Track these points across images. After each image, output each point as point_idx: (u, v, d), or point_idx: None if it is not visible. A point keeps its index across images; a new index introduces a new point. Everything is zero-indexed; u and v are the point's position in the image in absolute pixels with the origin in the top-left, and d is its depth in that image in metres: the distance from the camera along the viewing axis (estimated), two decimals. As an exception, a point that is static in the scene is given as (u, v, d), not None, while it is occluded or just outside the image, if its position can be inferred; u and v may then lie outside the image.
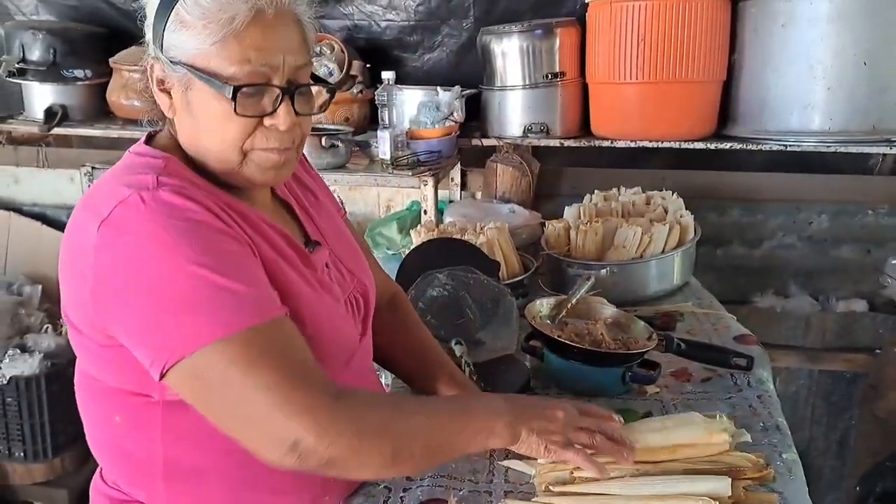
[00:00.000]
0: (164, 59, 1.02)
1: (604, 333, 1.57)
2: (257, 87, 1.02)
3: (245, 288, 0.95)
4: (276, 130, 1.04)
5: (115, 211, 0.95)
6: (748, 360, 1.59)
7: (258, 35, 0.99)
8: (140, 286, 0.93)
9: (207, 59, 1.00)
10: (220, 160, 1.06)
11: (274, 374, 0.93)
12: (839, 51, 2.19)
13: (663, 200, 2.27)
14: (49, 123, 2.84)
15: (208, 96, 1.01)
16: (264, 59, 1.01)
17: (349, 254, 1.30)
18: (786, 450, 1.33)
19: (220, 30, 0.98)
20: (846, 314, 2.77)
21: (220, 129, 1.03)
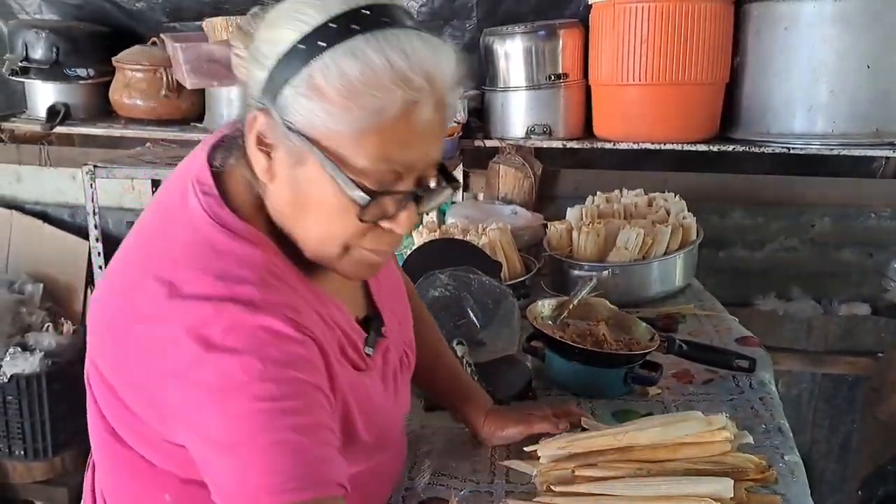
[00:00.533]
0: (279, 119, 0.84)
1: (605, 334, 1.57)
2: (391, 194, 0.86)
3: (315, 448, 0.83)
4: (390, 233, 0.90)
5: (210, 328, 0.81)
6: (750, 362, 1.58)
7: (403, 131, 0.83)
8: (220, 425, 0.81)
9: (337, 142, 0.83)
10: (315, 251, 0.91)
11: None
12: (842, 54, 2.19)
13: (665, 202, 2.26)
14: (51, 122, 2.84)
15: (325, 184, 0.84)
16: (403, 158, 0.85)
17: (396, 298, 1.18)
18: (788, 452, 1.32)
19: (363, 118, 0.81)
20: (848, 317, 2.77)
21: (328, 223, 0.88)
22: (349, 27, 0.81)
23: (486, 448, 1.34)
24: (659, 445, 1.21)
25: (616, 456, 1.21)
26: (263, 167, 0.87)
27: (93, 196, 2.47)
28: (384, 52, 0.80)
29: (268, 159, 0.87)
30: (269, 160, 0.87)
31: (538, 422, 1.32)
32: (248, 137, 0.88)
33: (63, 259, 3.19)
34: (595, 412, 1.47)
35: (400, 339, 1.14)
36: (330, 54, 0.81)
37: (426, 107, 0.82)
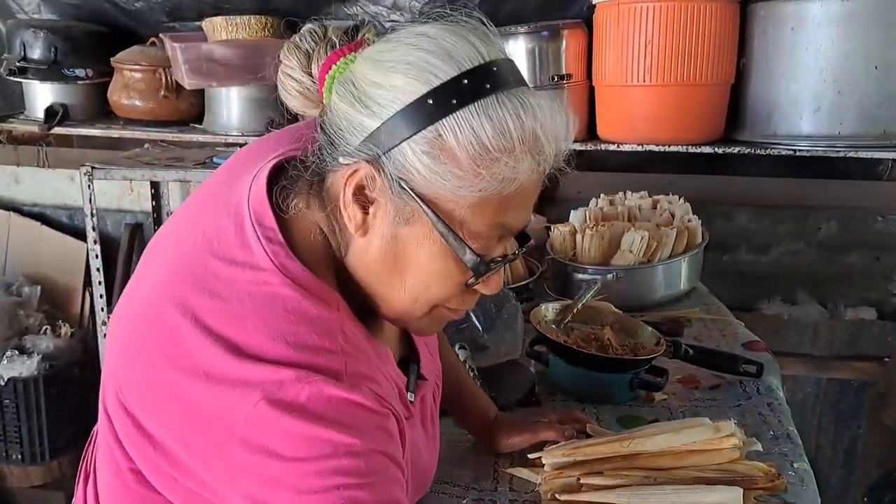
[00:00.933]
0: (392, 173, 0.78)
1: (610, 339, 1.54)
2: (499, 260, 0.83)
3: None
4: (476, 294, 0.88)
5: (293, 393, 0.74)
6: (758, 367, 1.56)
7: (517, 200, 0.80)
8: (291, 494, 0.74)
9: (454, 207, 0.78)
10: (403, 311, 0.87)
11: None
12: (849, 54, 2.15)
13: (670, 205, 2.24)
14: (49, 123, 2.81)
15: (432, 246, 0.80)
16: (516, 226, 0.83)
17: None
18: (797, 459, 1.30)
19: (489, 185, 0.76)
20: (854, 322, 2.74)
21: (427, 285, 0.83)
22: (483, 85, 0.76)
23: (490, 455, 1.32)
24: (666, 453, 1.19)
25: (622, 463, 1.20)
26: (358, 221, 0.81)
27: (90, 198, 2.44)
28: (520, 117, 0.76)
29: (364, 213, 0.81)
30: (364, 214, 0.81)
31: (544, 429, 1.29)
32: (342, 185, 0.81)
33: (61, 261, 3.17)
34: (600, 418, 1.45)
35: (433, 371, 1.08)
36: (463, 114, 0.76)
37: (542, 176, 0.81)
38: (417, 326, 0.91)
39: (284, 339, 0.76)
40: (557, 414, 1.36)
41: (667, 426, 1.24)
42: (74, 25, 2.91)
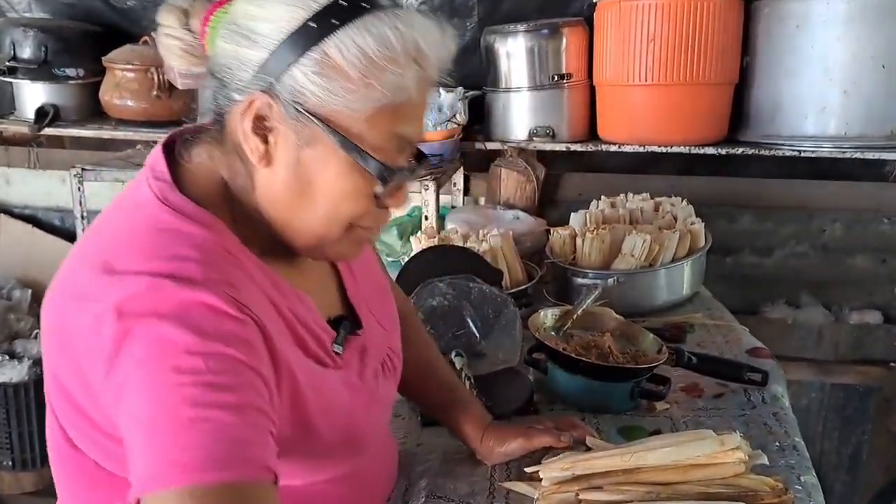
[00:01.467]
0: (286, 99, 0.81)
1: (611, 346, 1.49)
2: (401, 171, 0.87)
3: (239, 430, 0.76)
4: (385, 210, 0.91)
5: (139, 299, 0.76)
6: (763, 375, 1.52)
7: (410, 108, 0.85)
8: (143, 399, 0.75)
9: (351, 122, 0.82)
10: (317, 234, 0.89)
11: None
12: (856, 53, 2.10)
13: (672, 207, 2.19)
14: (40, 123, 2.76)
15: (336, 164, 0.84)
16: (411, 135, 0.87)
17: (380, 302, 1.14)
18: (804, 472, 1.26)
19: (383, 95, 0.81)
20: (860, 326, 2.70)
21: (337, 203, 0.86)
22: (360, 4, 0.81)
23: (486, 468, 1.27)
24: (669, 467, 1.14)
25: (623, 478, 1.15)
26: (260, 152, 0.84)
27: (81, 199, 2.40)
28: (399, 29, 0.81)
29: (265, 143, 0.84)
30: (265, 144, 0.84)
31: (539, 435, 1.25)
32: (240, 120, 0.83)
33: (53, 264, 3.02)
34: (600, 428, 1.40)
35: (383, 343, 1.09)
36: (345, 32, 0.80)
37: (431, 84, 0.85)
38: (338, 251, 0.94)
39: (150, 254, 0.79)
40: (555, 421, 1.31)
41: (669, 439, 1.19)
42: (65, 24, 2.86)
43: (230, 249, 0.85)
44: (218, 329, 0.77)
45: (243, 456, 0.75)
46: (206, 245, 0.82)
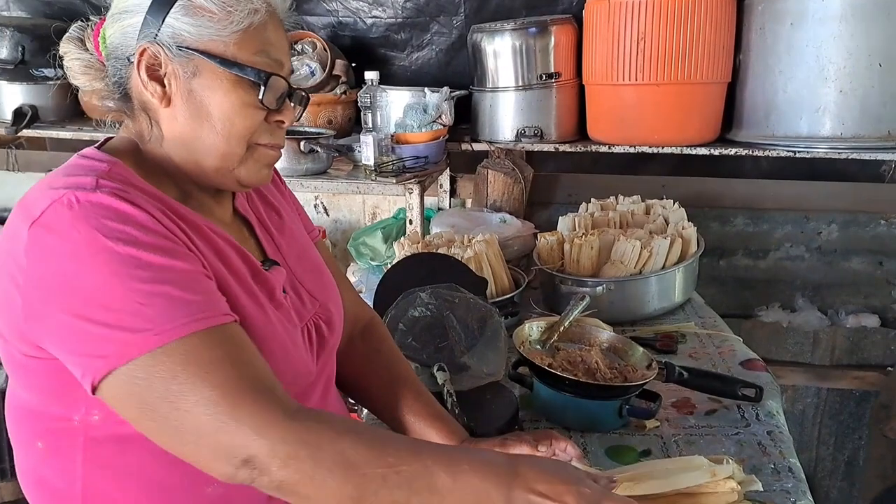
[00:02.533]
0: (168, 42, 0.97)
1: (599, 361, 1.43)
2: (278, 77, 1.01)
3: (184, 293, 0.88)
4: (277, 127, 1.05)
5: (48, 211, 0.87)
6: (757, 391, 1.46)
7: (270, 32, 1.01)
8: (72, 291, 0.86)
9: (224, 48, 0.98)
10: (224, 153, 1.02)
11: (220, 384, 0.86)
12: (852, 51, 2.04)
13: (664, 210, 2.14)
14: (18, 125, 2.69)
15: (221, 84, 0.99)
16: (277, 55, 1.02)
17: (313, 277, 1.20)
18: (800, 497, 1.21)
19: (242, 20, 0.98)
20: (856, 329, 2.64)
21: (230, 118, 1.00)
22: None
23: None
24: (658, 497, 1.08)
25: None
26: (160, 94, 0.99)
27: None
28: None
29: (161, 86, 0.99)
30: (163, 87, 0.99)
31: (515, 444, 1.19)
32: (137, 75, 0.99)
33: None
34: (587, 448, 1.35)
35: (311, 306, 1.16)
36: None
37: (277, 16, 1.03)
38: (246, 173, 1.04)
39: (56, 183, 0.91)
40: (534, 434, 1.24)
41: (659, 466, 1.13)
42: (43, 23, 2.78)
43: (131, 181, 0.96)
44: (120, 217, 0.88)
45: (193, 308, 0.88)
46: (103, 170, 0.94)
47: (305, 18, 2.70)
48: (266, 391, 0.88)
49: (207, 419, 0.85)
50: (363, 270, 2.54)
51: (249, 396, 0.86)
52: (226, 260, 1.02)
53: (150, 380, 0.85)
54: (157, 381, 0.85)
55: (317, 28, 2.69)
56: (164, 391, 0.85)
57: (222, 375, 0.86)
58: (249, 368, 0.89)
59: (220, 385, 0.86)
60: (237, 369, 0.88)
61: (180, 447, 0.88)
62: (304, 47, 2.54)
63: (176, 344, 0.85)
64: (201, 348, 0.87)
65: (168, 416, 0.86)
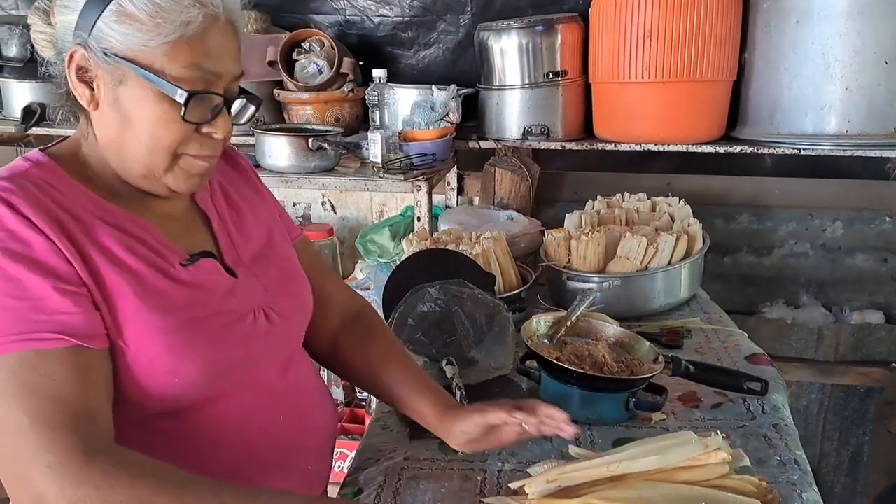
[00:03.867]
0: (96, 48, 0.96)
1: (605, 355, 1.45)
2: (206, 94, 0.99)
3: (22, 309, 0.90)
4: (210, 138, 1.04)
5: None
6: (762, 385, 1.47)
7: (208, 41, 0.98)
8: None
9: (152, 58, 0.96)
10: (146, 163, 1.02)
11: (28, 413, 0.87)
12: (858, 49, 2.06)
13: (670, 207, 2.15)
14: (27, 123, 2.72)
15: (147, 95, 0.97)
16: (212, 67, 0.99)
17: (273, 274, 1.21)
18: (805, 489, 1.21)
19: (172, 31, 0.95)
20: (860, 326, 2.65)
21: (154, 131, 0.99)
22: None
23: (473, 484, 1.24)
24: (654, 472, 1.11)
25: (609, 486, 1.11)
26: (87, 97, 0.99)
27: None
28: None
29: (89, 89, 0.99)
30: (91, 90, 0.99)
31: (494, 410, 1.20)
32: (68, 74, 0.99)
33: None
34: (594, 441, 1.37)
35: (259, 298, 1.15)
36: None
37: (221, 22, 0.98)
38: (174, 181, 1.04)
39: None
40: (515, 402, 1.23)
41: (653, 444, 1.15)
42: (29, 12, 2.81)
43: (51, 181, 0.99)
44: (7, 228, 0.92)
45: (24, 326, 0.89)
46: (19, 171, 0.99)
47: (313, 17, 2.72)
48: (74, 430, 0.88)
49: (14, 444, 0.87)
50: (371, 267, 2.56)
51: (56, 432, 0.87)
52: (136, 252, 1.02)
53: None
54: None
55: (324, 26, 2.71)
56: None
57: (32, 405, 0.88)
58: (64, 402, 0.89)
59: (32, 413, 0.87)
60: (50, 401, 0.89)
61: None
62: (312, 45, 2.56)
63: (5, 359, 0.88)
64: (20, 370, 0.88)
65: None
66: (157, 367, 1.00)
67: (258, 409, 1.13)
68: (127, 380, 0.99)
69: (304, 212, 3.04)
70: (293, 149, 2.26)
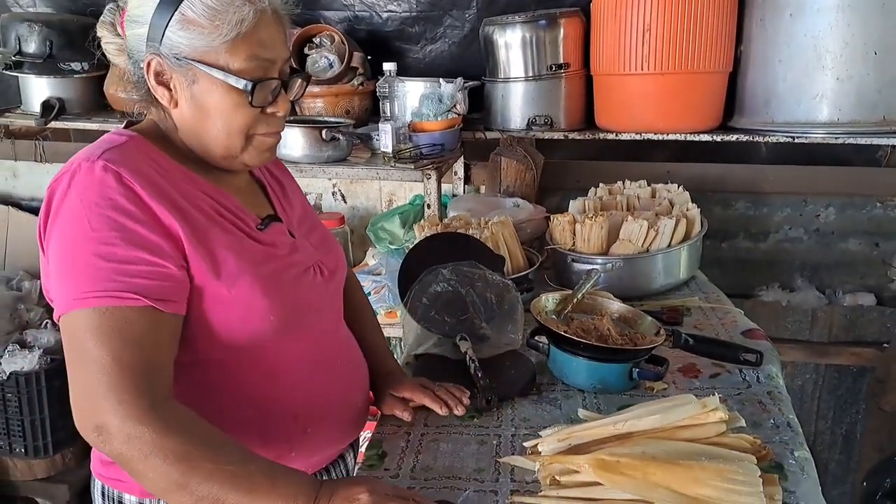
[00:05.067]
0: (167, 53, 1.10)
1: (610, 329, 1.54)
2: (266, 80, 1.14)
3: (116, 269, 1.02)
4: (274, 117, 1.19)
5: (62, 176, 1.07)
6: (757, 356, 1.56)
7: (261, 34, 1.12)
8: (55, 242, 1.05)
9: (217, 56, 1.10)
10: (226, 146, 1.17)
11: (111, 358, 1.00)
12: (849, 40, 2.15)
13: (669, 193, 2.24)
14: (46, 117, 2.80)
15: (217, 89, 1.12)
16: (267, 55, 1.13)
17: (315, 235, 1.39)
18: (797, 448, 1.30)
19: (229, 30, 1.09)
20: (853, 308, 2.75)
21: (228, 118, 1.14)
22: None
23: (490, 447, 1.33)
24: (657, 430, 1.21)
25: (616, 443, 1.21)
26: (167, 98, 1.15)
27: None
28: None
29: (168, 90, 1.14)
30: (169, 91, 1.14)
31: (420, 396, 1.44)
32: (148, 80, 1.13)
33: None
34: (600, 407, 1.45)
35: (312, 255, 1.31)
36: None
37: (268, 13, 1.12)
38: (249, 158, 1.20)
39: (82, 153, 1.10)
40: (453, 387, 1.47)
41: (656, 405, 1.25)
42: (69, 18, 2.89)
43: (145, 151, 1.13)
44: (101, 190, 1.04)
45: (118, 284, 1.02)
46: (118, 143, 1.11)
47: (323, 13, 2.80)
48: (143, 379, 1.01)
49: (91, 382, 1.00)
50: (382, 254, 2.65)
51: (128, 379, 1.00)
52: (225, 216, 1.18)
53: (68, 332, 1.04)
54: (70, 336, 1.03)
55: (334, 22, 2.79)
56: (72, 345, 1.03)
57: (116, 352, 1.00)
58: (142, 353, 1.02)
59: (109, 360, 1.00)
60: (130, 351, 1.01)
61: (70, 387, 1.03)
62: (323, 40, 2.65)
63: (90, 312, 1.01)
64: (110, 322, 1.01)
65: (71, 365, 1.04)
66: (256, 306, 1.15)
67: (320, 350, 1.30)
68: (219, 321, 1.14)
69: (315, 201, 3.13)
70: (307, 139, 2.34)
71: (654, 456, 1.15)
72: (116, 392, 0.99)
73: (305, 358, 1.26)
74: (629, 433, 1.22)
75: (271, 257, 1.21)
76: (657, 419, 1.20)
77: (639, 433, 1.21)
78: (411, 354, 1.70)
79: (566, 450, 1.22)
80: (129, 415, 0.98)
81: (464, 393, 1.45)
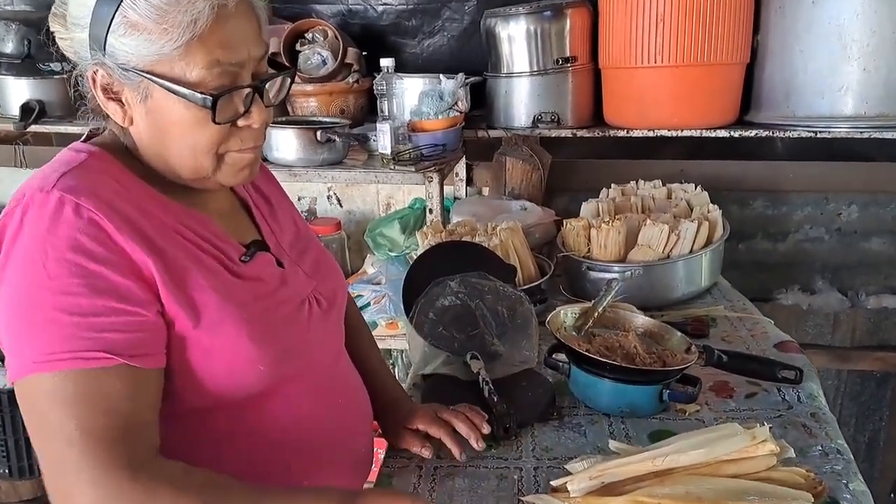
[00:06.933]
0: (112, 64, 0.92)
1: (637, 346, 1.42)
2: (234, 90, 0.95)
3: (80, 323, 0.87)
4: (249, 129, 0.99)
5: (13, 210, 0.91)
6: (797, 373, 1.45)
7: (222, 33, 0.91)
8: (6, 292, 0.89)
9: (170, 65, 0.91)
10: (193, 168, 0.99)
11: (79, 430, 0.86)
12: (876, 28, 2.02)
13: (686, 194, 2.12)
14: (25, 120, 2.67)
15: (175, 105, 0.93)
16: (232, 58, 0.93)
17: (309, 259, 1.22)
18: (851, 479, 1.19)
19: (181, 34, 0.89)
20: (877, 311, 2.65)
21: (191, 137, 0.96)
22: None
23: (510, 482, 1.21)
24: (701, 465, 1.08)
25: (655, 481, 1.09)
26: (120, 115, 0.96)
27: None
28: None
29: (120, 106, 0.95)
30: (121, 106, 0.95)
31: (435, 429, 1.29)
32: (95, 94, 0.95)
33: None
34: (629, 434, 1.33)
35: (304, 285, 1.16)
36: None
37: (231, 7, 0.91)
38: (223, 177, 1.01)
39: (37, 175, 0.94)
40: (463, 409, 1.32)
41: (699, 436, 1.13)
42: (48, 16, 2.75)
43: (108, 170, 0.96)
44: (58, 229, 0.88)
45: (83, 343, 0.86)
46: (77, 162, 0.94)
47: (315, 7, 2.67)
48: (123, 443, 0.87)
49: (61, 454, 0.86)
50: (381, 261, 2.52)
51: (102, 447, 0.86)
52: (203, 248, 1.01)
53: (26, 399, 0.89)
54: (29, 403, 0.88)
55: (326, 16, 2.67)
56: (32, 413, 0.88)
57: (84, 420, 0.86)
58: (112, 419, 0.88)
59: (77, 430, 0.86)
60: (99, 418, 0.87)
61: (41, 460, 0.89)
62: (315, 36, 2.52)
63: (52, 376, 0.86)
64: (74, 386, 0.87)
65: (35, 436, 0.89)
66: (242, 355, 1.00)
67: (317, 394, 1.15)
68: (203, 371, 0.98)
69: (309, 206, 3.00)
70: (301, 142, 2.21)
71: (700, 496, 1.04)
72: (88, 470, 0.85)
73: (301, 405, 1.12)
74: (669, 469, 1.09)
75: (258, 296, 1.04)
76: (702, 454, 1.08)
77: (680, 469, 1.09)
78: (419, 374, 1.57)
79: (599, 489, 1.10)
80: (106, 496, 0.85)
81: (482, 417, 1.30)
